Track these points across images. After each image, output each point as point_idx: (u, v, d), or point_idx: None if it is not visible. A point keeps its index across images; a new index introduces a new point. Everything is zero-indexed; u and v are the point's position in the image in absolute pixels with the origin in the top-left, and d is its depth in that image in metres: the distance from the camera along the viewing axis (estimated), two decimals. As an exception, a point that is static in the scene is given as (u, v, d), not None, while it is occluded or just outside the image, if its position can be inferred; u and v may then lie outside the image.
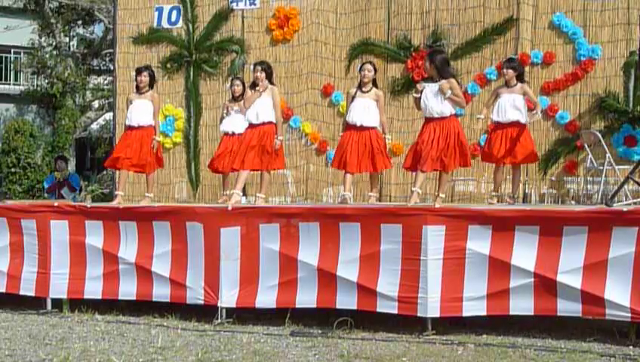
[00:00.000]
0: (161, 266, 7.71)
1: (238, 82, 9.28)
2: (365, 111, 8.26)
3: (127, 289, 7.85)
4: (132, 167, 8.73)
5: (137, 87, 8.81)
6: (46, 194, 13.17)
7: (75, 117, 22.63)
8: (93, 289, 7.98)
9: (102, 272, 7.96)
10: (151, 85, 8.82)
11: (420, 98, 7.70)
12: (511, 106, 8.15)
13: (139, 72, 8.85)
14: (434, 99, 7.61)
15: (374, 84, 8.45)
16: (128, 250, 7.87)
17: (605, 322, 6.56)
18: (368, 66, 8.39)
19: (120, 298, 7.92)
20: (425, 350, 6.22)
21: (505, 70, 8.36)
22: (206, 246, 7.48)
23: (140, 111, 8.67)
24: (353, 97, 8.37)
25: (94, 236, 8.00)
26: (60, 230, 8.08)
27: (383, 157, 8.38)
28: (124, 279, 7.86)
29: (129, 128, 8.74)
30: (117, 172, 9.46)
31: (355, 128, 8.30)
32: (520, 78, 8.31)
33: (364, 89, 8.34)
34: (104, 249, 7.95)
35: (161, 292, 7.70)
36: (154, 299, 7.75)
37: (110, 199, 9.28)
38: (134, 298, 7.85)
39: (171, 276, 7.65)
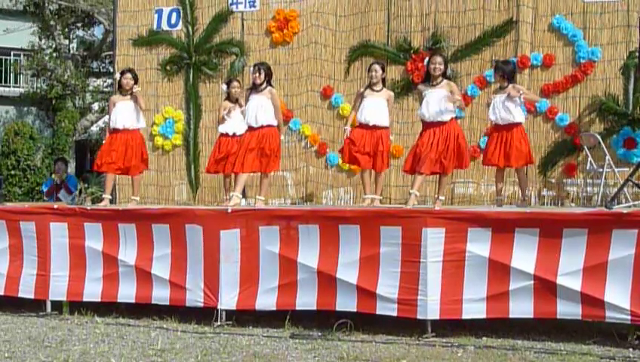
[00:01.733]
0: (161, 269, 7.70)
1: (236, 84, 9.30)
2: (377, 110, 8.30)
3: (127, 292, 7.84)
4: (117, 170, 8.90)
5: (121, 88, 8.93)
6: (45, 198, 13.12)
7: (74, 119, 22.60)
8: (93, 292, 7.97)
9: (101, 274, 7.95)
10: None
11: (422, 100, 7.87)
12: (503, 107, 8.17)
13: (123, 74, 8.98)
14: (435, 104, 7.71)
15: (384, 83, 8.50)
16: (128, 253, 7.86)
17: (605, 324, 6.56)
18: (376, 67, 8.46)
19: (119, 300, 7.91)
20: (424, 352, 6.21)
21: (497, 77, 8.43)
22: (205, 248, 7.47)
23: (124, 114, 8.84)
24: (363, 96, 8.40)
25: (94, 238, 7.99)
26: (59, 232, 8.08)
27: (387, 158, 8.42)
28: (123, 281, 7.85)
29: (114, 131, 8.89)
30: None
31: (368, 127, 8.33)
32: (511, 79, 8.36)
33: (375, 88, 8.39)
34: (104, 251, 7.95)
35: (160, 295, 7.69)
36: (153, 302, 7.74)
37: (110, 201, 9.29)
38: (134, 300, 7.85)
39: (171, 278, 7.64)
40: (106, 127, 21.89)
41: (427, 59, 8.17)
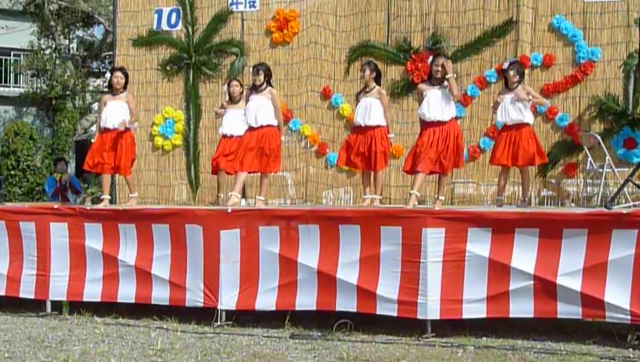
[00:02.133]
0: (161, 269, 7.69)
1: (236, 83, 9.32)
2: (367, 110, 8.30)
3: (127, 292, 7.84)
4: (110, 170, 8.86)
5: (112, 88, 8.88)
6: (49, 198, 13.04)
7: (74, 119, 22.61)
8: (93, 292, 7.96)
9: (101, 275, 7.94)
10: (125, 86, 8.87)
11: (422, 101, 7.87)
12: (514, 108, 8.13)
13: (113, 72, 8.93)
14: (436, 104, 7.72)
15: (377, 82, 8.48)
16: (128, 253, 7.85)
17: (605, 324, 6.56)
18: (364, 67, 8.49)
19: (119, 300, 7.91)
20: (424, 352, 6.21)
21: (512, 73, 8.30)
22: (205, 248, 7.47)
23: (114, 114, 8.75)
24: (358, 99, 8.47)
25: (94, 238, 7.99)
26: (59, 232, 8.07)
27: (383, 157, 8.39)
28: (123, 282, 7.85)
29: (104, 130, 8.82)
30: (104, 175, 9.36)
31: (360, 129, 8.34)
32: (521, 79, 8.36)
33: (366, 89, 8.40)
34: (104, 251, 7.94)
35: (160, 295, 7.68)
36: (153, 302, 7.73)
37: (110, 201, 9.30)
38: (133, 300, 7.84)
39: (171, 278, 7.64)
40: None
41: (431, 58, 8.14)
